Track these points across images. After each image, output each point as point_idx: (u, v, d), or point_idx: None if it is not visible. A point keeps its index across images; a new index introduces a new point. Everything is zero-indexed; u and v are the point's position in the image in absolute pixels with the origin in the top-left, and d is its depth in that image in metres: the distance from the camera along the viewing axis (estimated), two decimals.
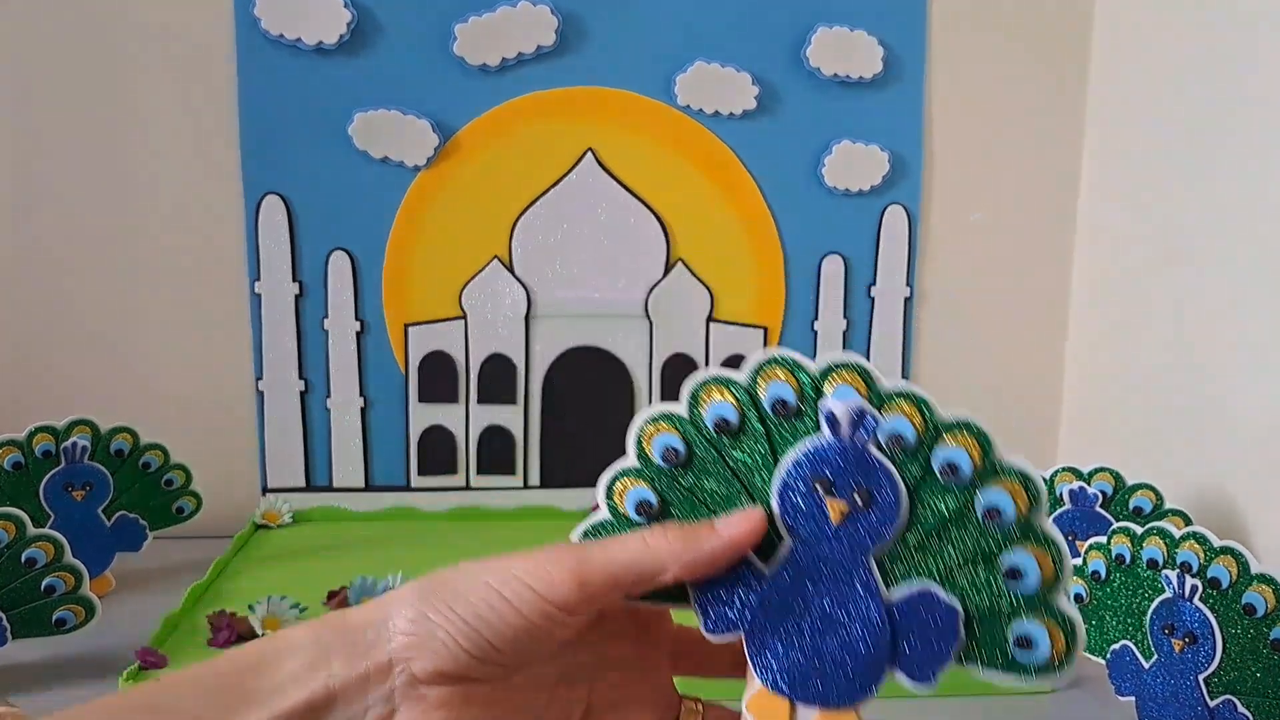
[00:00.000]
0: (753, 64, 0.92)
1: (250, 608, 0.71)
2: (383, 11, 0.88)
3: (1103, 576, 0.62)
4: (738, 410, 0.36)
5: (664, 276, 0.95)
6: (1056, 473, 0.74)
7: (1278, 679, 0.53)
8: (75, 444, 0.76)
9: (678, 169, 0.93)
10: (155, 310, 0.92)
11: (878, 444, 0.34)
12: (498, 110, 0.91)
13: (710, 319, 0.96)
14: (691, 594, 0.36)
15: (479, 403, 0.95)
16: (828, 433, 0.35)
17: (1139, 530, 0.60)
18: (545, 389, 0.95)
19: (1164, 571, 0.57)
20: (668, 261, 0.95)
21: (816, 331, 0.97)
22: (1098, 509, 0.72)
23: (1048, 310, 0.99)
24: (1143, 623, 0.59)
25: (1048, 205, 0.97)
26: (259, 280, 0.91)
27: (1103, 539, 0.62)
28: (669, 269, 0.95)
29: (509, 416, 0.95)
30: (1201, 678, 0.55)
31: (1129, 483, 0.72)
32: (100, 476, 0.77)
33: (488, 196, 0.92)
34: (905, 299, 0.97)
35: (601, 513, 0.37)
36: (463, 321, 0.94)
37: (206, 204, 0.90)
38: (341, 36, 0.87)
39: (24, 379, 0.91)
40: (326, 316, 0.92)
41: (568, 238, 0.93)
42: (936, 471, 0.34)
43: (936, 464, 0.34)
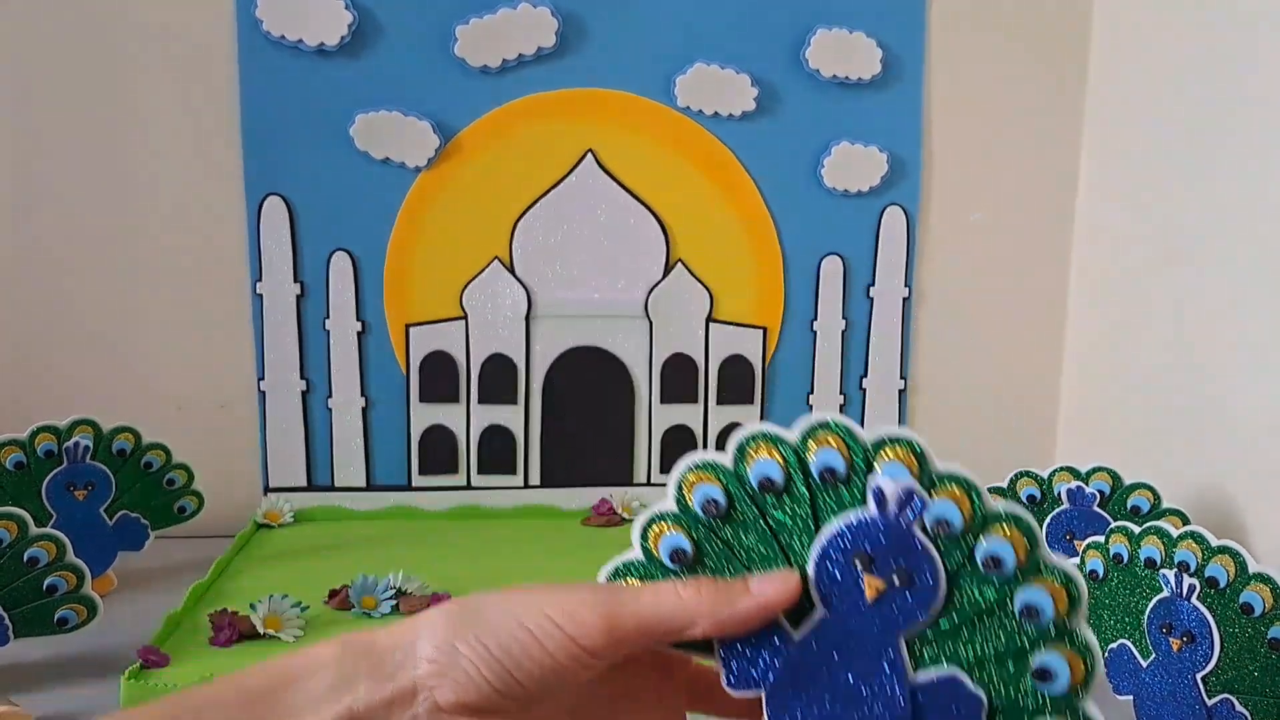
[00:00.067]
0: (752, 65, 0.92)
1: (252, 606, 0.71)
2: (384, 13, 0.88)
3: (1101, 576, 0.62)
4: (784, 471, 0.35)
5: (664, 277, 0.95)
6: (1055, 472, 0.74)
7: (1275, 678, 0.53)
8: (77, 444, 0.76)
9: (677, 170, 0.94)
10: (156, 310, 0.92)
11: (923, 526, 0.34)
12: (498, 111, 0.91)
13: (710, 319, 0.96)
14: (716, 646, 0.35)
15: (479, 402, 0.95)
16: (874, 508, 0.34)
17: (1137, 530, 0.60)
18: (545, 389, 0.96)
19: (1162, 571, 0.58)
20: (667, 262, 0.95)
21: (815, 332, 0.97)
22: (1096, 508, 0.72)
23: (1046, 310, 0.99)
24: (1141, 622, 0.59)
25: (1046, 205, 0.98)
26: (260, 281, 0.91)
27: (1101, 538, 0.62)
28: (669, 269, 0.95)
29: (509, 416, 0.96)
30: (1199, 676, 0.55)
31: (1127, 482, 0.72)
32: (102, 476, 0.78)
33: (488, 197, 0.92)
34: (904, 299, 0.98)
35: (634, 553, 0.37)
36: (463, 322, 0.94)
37: (208, 204, 0.90)
38: (343, 38, 0.87)
39: (26, 379, 0.91)
40: (328, 317, 0.92)
41: (568, 238, 0.94)
42: (979, 562, 0.33)
43: (980, 554, 0.33)
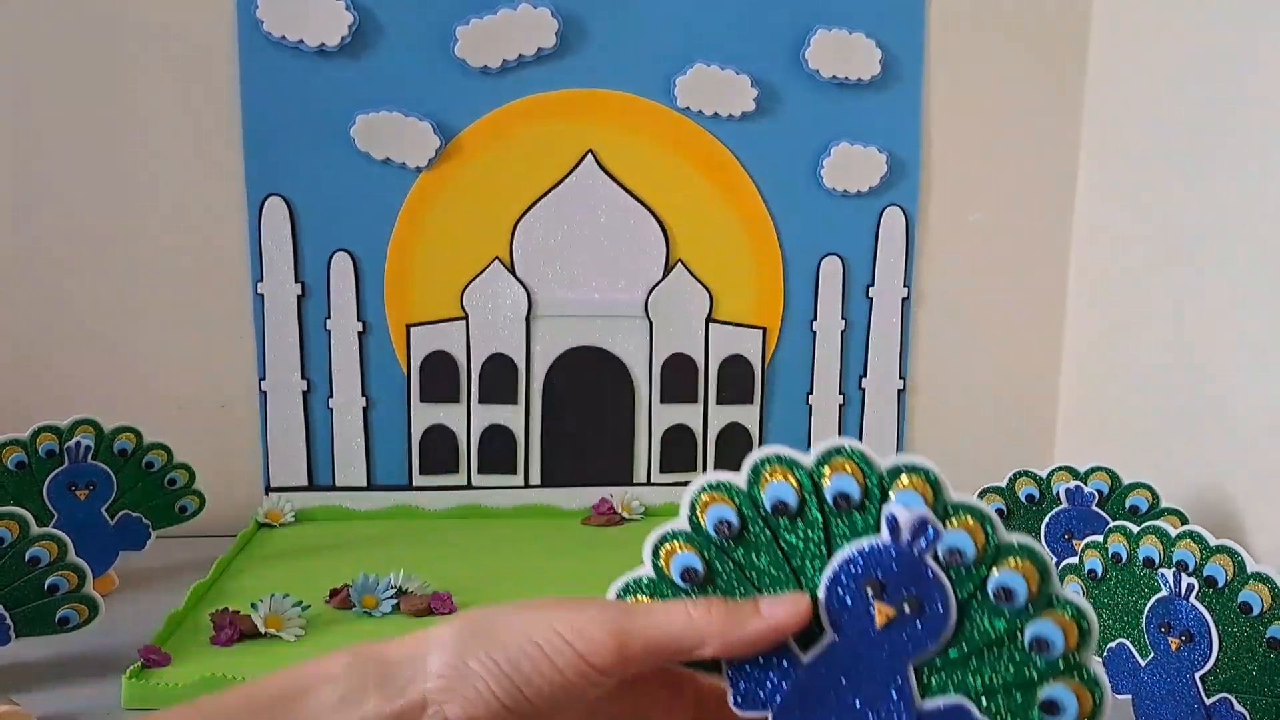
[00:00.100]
0: (752, 66, 0.92)
1: (253, 606, 0.71)
2: (384, 13, 0.88)
3: (1099, 575, 0.62)
4: (798, 494, 0.35)
5: (664, 277, 0.95)
6: (1053, 472, 0.74)
7: (1274, 677, 0.53)
8: (79, 443, 0.76)
9: (677, 170, 0.94)
10: (158, 311, 0.92)
11: (935, 555, 0.34)
12: (499, 112, 0.91)
13: (709, 319, 0.96)
14: (724, 666, 0.36)
15: (480, 402, 0.95)
16: (887, 536, 0.34)
17: (1135, 529, 0.60)
18: (546, 389, 0.96)
19: (1160, 570, 0.58)
20: (667, 262, 0.95)
21: (815, 332, 0.97)
22: (1094, 508, 0.72)
23: (1045, 310, 1.00)
24: (1139, 621, 0.59)
25: (1046, 206, 0.98)
26: (261, 281, 0.91)
27: (1099, 538, 0.63)
28: (668, 270, 0.95)
29: (510, 416, 0.96)
30: (1198, 676, 0.55)
31: (1126, 482, 0.72)
32: (103, 476, 0.78)
33: (489, 198, 0.92)
34: (903, 299, 0.98)
35: (645, 569, 0.37)
36: (464, 322, 0.94)
37: (209, 205, 0.91)
38: (343, 38, 0.87)
39: (27, 379, 0.91)
40: (329, 317, 0.93)
41: (568, 239, 0.94)
42: (990, 593, 0.33)
43: (992, 585, 0.33)
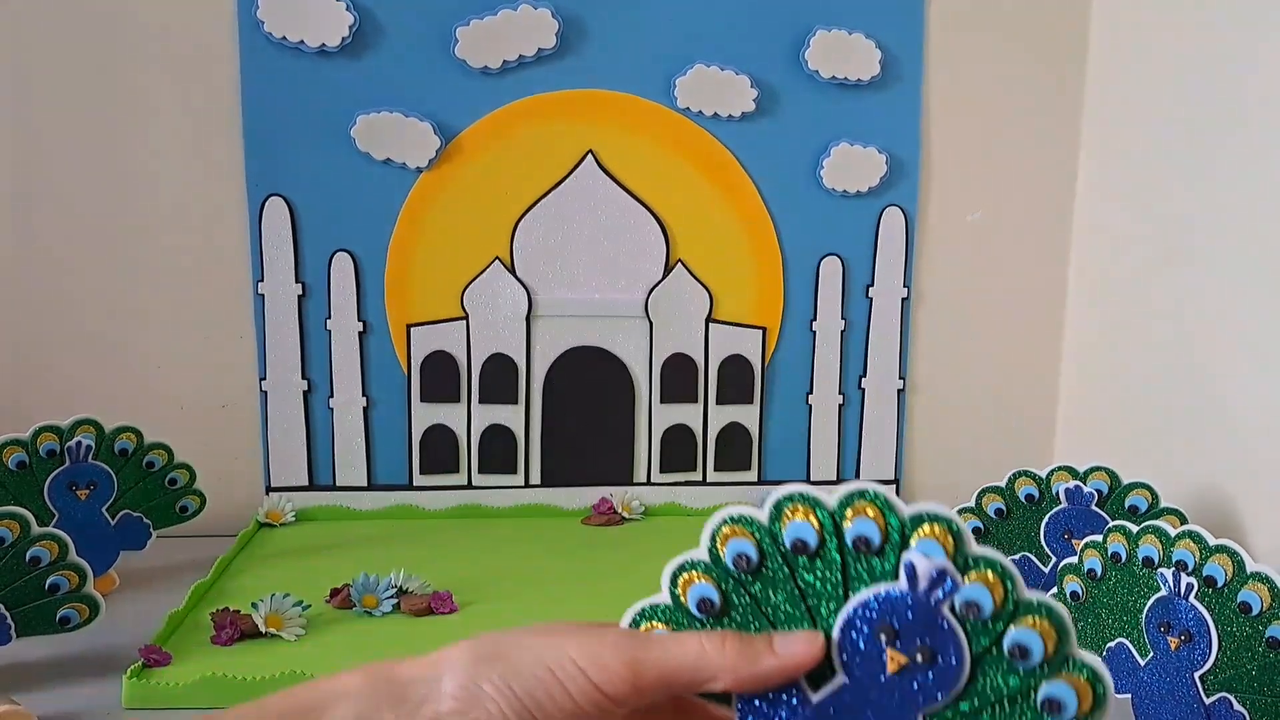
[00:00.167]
0: (752, 66, 0.92)
1: (253, 605, 0.71)
2: (384, 14, 0.88)
3: (1099, 574, 0.62)
4: (818, 535, 0.35)
5: (664, 277, 0.95)
6: (1053, 471, 0.74)
7: (1273, 676, 0.53)
8: (79, 443, 0.76)
9: (677, 171, 0.94)
10: (158, 311, 0.92)
11: (952, 607, 0.33)
12: (499, 112, 0.91)
13: (709, 319, 0.96)
14: (735, 699, 0.36)
15: (480, 402, 0.95)
16: (905, 583, 0.34)
17: (1135, 529, 0.60)
18: (546, 388, 0.96)
19: (1160, 570, 0.58)
20: (667, 262, 0.95)
21: (815, 332, 0.97)
22: (1094, 508, 0.72)
23: (1045, 310, 1.00)
24: (1139, 621, 0.59)
25: (1046, 205, 0.98)
26: (262, 281, 0.91)
27: (1099, 537, 0.63)
28: (669, 270, 0.95)
29: (510, 416, 0.96)
30: (1197, 675, 0.55)
31: (1125, 482, 0.72)
32: (104, 476, 0.78)
33: (489, 198, 0.92)
34: (903, 299, 0.98)
35: (662, 596, 0.37)
36: (464, 322, 0.94)
37: (209, 205, 0.91)
38: (344, 39, 0.88)
39: (27, 379, 0.91)
40: (329, 317, 0.93)
41: (568, 239, 0.94)
42: (1005, 649, 0.33)
43: (1008, 642, 0.33)
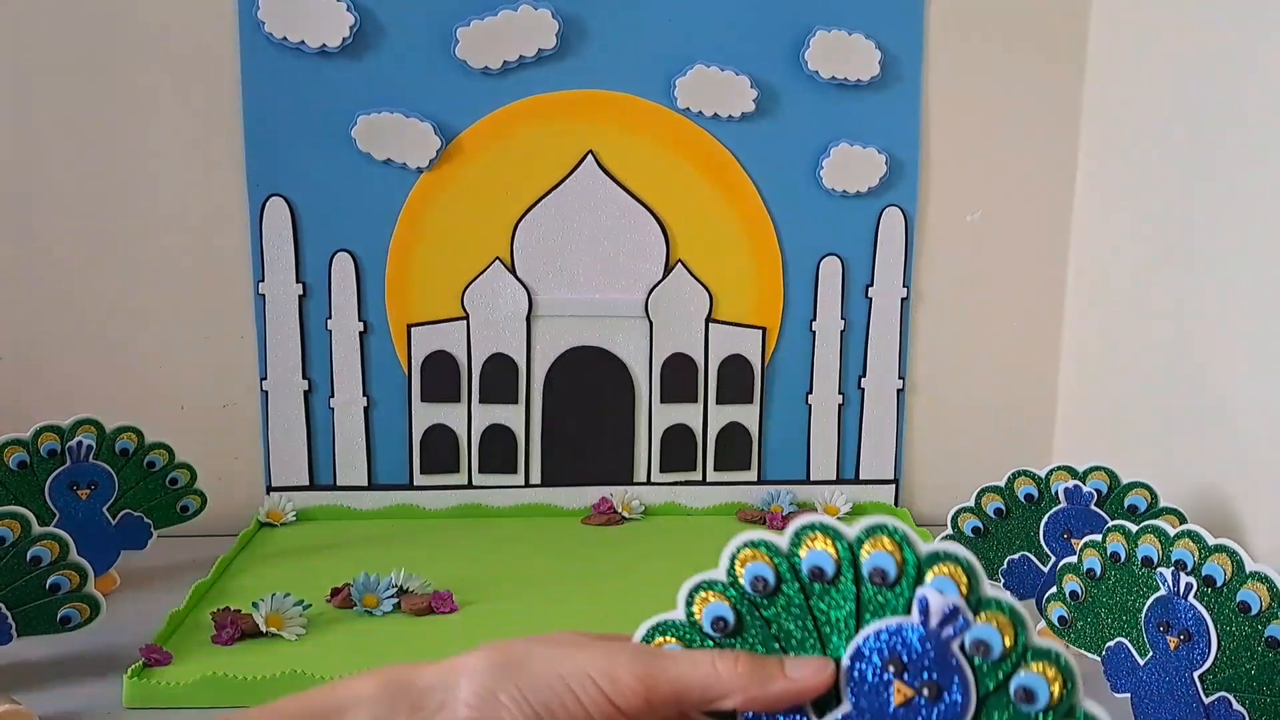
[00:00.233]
0: (752, 67, 0.92)
1: (254, 605, 0.72)
2: (385, 14, 0.88)
3: (1098, 574, 0.62)
4: (836, 564, 0.36)
5: (664, 277, 0.95)
6: (1052, 471, 0.74)
7: (1272, 676, 0.53)
8: (80, 443, 0.76)
9: (677, 171, 0.94)
10: (159, 311, 0.92)
11: (962, 645, 0.34)
12: (499, 113, 0.91)
13: (709, 319, 0.97)
14: (739, 718, 0.36)
15: (481, 402, 0.95)
16: (917, 618, 0.34)
17: (1134, 528, 0.60)
18: (546, 388, 0.96)
19: (1159, 569, 0.58)
20: (667, 262, 0.95)
21: (814, 332, 0.97)
22: (1093, 507, 0.72)
23: (1044, 310, 1.00)
24: (1138, 620, 0.59)
25: (1045, 205, 0.98)
26: (263, 281, 0.91)
27: (1098, 537, 0.63)
28: (669, 270, 0.95)
29: (510, 416, 0.96)
30: (1196, 675, 0.55)
31: (1124, 481, 0.73)
32: (105, 475, 0.78)
33: (489, 198, 0.93)
34: (902, 299, 0.98)
35: (677, 613, 0.38)
36: (465, 322, 0.94)
37: (210, 205, 0.91)
38: (344, 39, 0.88)
39: (28, 379, 0.91)
40: (330, 317, 0.93)
41: (568, 239, 0.94)
42: (1012, 691, 0.33)
43: (1014, 685, 0.33)
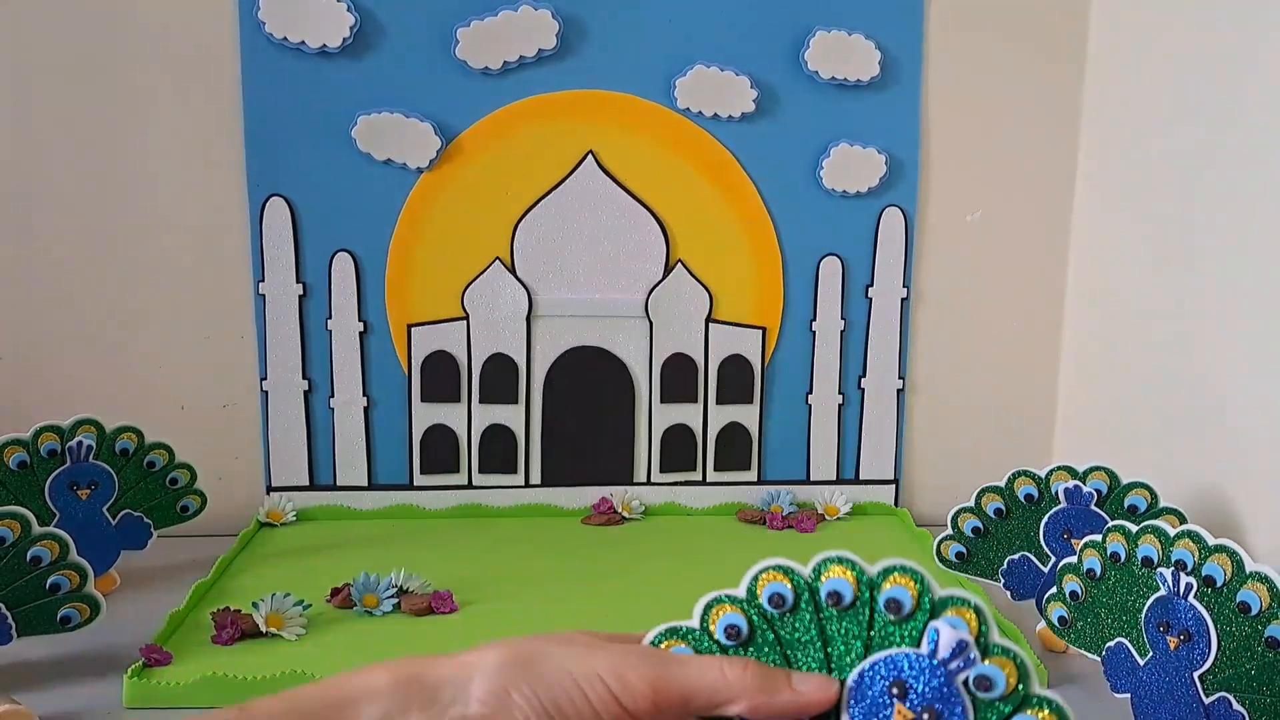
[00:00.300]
0: (752, 67, 0.92)
1: (254, 605, 0.72)
2: (385, 15, 0.88)
3: (1098, 574, 0.62)
4: (854, 591, 0.37)
5: (664, 277, 0.95)
6: (1052, 471, 0.74)
7: (1272, 676, 0.53)
8: (80, 443, 0.76)
9: (677, 171, 0.94)
10: (159, 311, 0.92)
11: (966, 681, 0.35)
12: (499, 113, 0.91)
13: (709, 319, 0.97)
14: None
15: (481, 402, 0.95)
16: (926, 647, 0.36)
17: (1134, 528, 0.60)
18: (546, 388, 0.96)
19: (1159, 569, 0.58)
20: (667, 263, 0.95)
21: (815, 332, 0.98)
22: (1093, 507, 0.72)
23: (1044, 310, 1.00)
24: (1138, 620, 0.59)
25: (1045, 205, 0.98)
26: (263, 281, 0.91)
27: (1098, 537, 0.63)
28: (669, 270, 0.95)
29: (510, 416, 0.96)
30: (1196, 675, 0.55)
31: (1124, 481, 0.73)
32: (105, 475, 0.78)
33: (489, 198, 0.93)
34: (902, 299, 0.98)
35: (691, 621, 0.39)
36: (465, 322, 0.94)
37: (210, 205, 0.91)
38: (345, 40, 0.88)
39: (28, 379, 0.91)
40: (330, 317, 0.93)
41: (568, 239, 0.94)
42: None
43: None
